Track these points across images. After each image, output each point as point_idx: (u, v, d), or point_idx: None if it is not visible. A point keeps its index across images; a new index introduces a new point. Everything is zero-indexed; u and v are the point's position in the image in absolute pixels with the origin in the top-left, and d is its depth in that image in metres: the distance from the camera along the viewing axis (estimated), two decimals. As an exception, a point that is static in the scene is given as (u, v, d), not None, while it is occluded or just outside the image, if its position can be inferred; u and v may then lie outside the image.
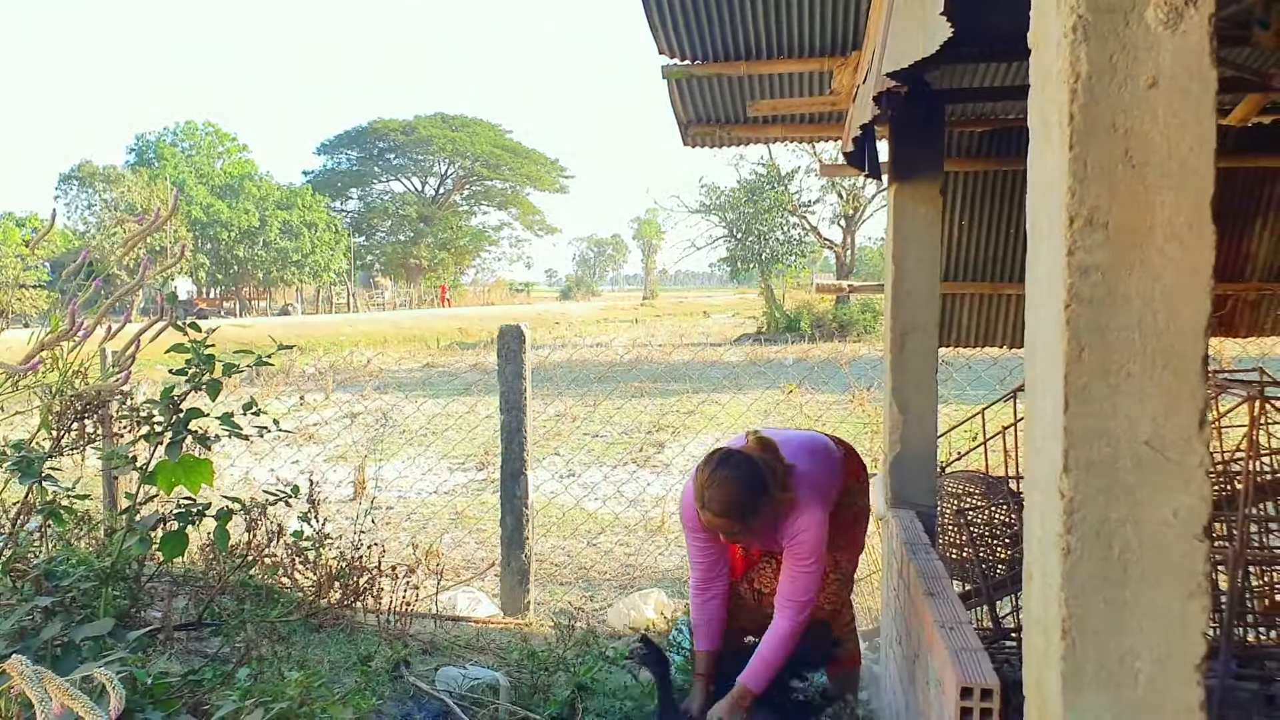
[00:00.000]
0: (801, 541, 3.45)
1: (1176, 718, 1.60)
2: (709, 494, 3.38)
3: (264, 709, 2.44)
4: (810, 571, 3.44)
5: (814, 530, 3.44)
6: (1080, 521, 1.61)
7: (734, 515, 3.37)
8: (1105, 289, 1.59)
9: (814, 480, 3.53)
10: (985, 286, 5.48)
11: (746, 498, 3.35)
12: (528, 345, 5.73)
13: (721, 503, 3.36)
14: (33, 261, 32.72)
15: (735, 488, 3.35)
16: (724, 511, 3.37)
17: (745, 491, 3.35)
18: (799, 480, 3.50)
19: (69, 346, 2.87)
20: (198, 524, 3.28)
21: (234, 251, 56.84)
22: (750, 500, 3.36)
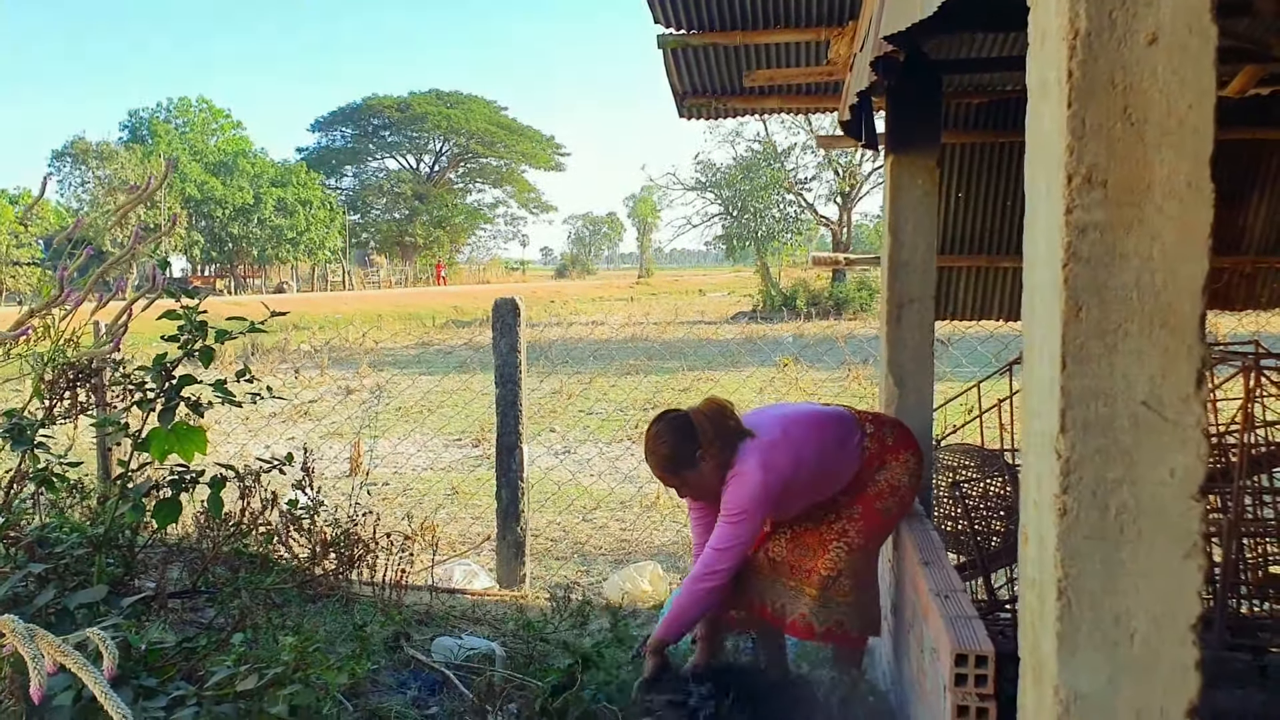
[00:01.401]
0: (729, 495, 3.54)
1: (1172, 677, 1.60)
2: (646, 449, 3.64)
3: (258, 674, 2.44)
4: (730, 524, 3.51)
5: (741, 488, 3.51)
6: (1077, 482, 1.60)
7: (667, 469, 3.59)
8: (1103, 248, 1.58)
9: (770, 450, 3.56)
10: (982, 260, 5.46)
11: (674, 451, 3.55)
12: (522, 318, 5.71)
13: (653, 455, 3.61)
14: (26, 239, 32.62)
15: (664, 443, 3.58)
16: (658, 465, 3.61)
17: (673, 446, 3.56)
18: (749, 444, 3.55)
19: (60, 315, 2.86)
20: (191, 491, 3.27)
21: (228, 229, 56.63)
22: (678, 453, 3.55)
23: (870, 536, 3.78)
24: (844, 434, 3.73)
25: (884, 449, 3.76)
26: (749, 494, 3.49)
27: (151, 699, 2.45)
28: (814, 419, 3.76)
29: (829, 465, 3.69)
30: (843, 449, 3.71)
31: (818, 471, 3.66)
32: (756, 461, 3.51)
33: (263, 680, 2.43)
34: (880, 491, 3.74)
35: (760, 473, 3.49)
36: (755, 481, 3.48)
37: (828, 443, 3.69)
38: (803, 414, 3.80)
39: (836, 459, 3.70)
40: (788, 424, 3.69)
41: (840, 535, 3.75)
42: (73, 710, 2.34)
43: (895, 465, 3.76)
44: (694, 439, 3.55)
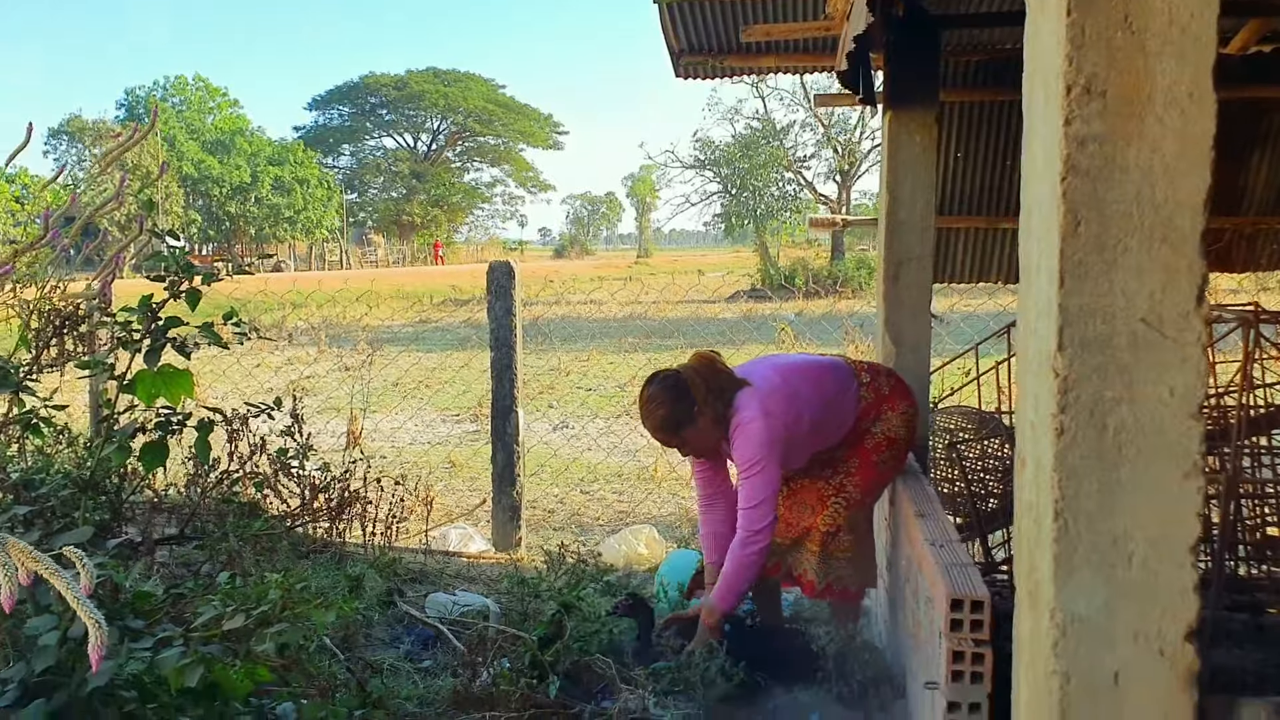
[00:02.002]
0: (738, 449, 3.52)
1: (1170, 599, 1.58)
2: (641, 412, 3.62)
3: (245, 614, 2.42)
4: (751, 477, 3.48)
5: (747, 438, 3.48)
6: (1074, 401, 1.58)
7: (665, 429, 3.58)
8: (1103, 160, 1.54)
9: (767, 396, 3.53)
10: (981, 221, 5.42)
11: (670, 410, 3.54)
12: (517, 282, 5.68)
13: (649, 418, 3.59)
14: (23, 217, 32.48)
15: (658, 403, 3.56)
16: (655, 428, 3.60)
17: (669, 405, 3.54)
18: (745, 394, 3.51)
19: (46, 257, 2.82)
20: (178, 435, 3.24)
21: (225, 208, 56.47)
22: (674, 413, 3.54)
23: (868, 490, 3.76)
24: (841, 382, 3.71)
25: (880, 399, 3.74)
26: (757, 442, 3.46)
27: (138, 640, 2.43)
28: (809, 368, 3.74)
29: (828, 414, 3.66)
30: (840, 398, 3.68)
31: (817, 420, 3.63)
32: (756, 408, 3.49)
33: (249, 620, 2.42)
34: (877, 444, 3.73)
35: (761, 417, 3.47)
36: (758, 428, 3.46)
37: (825, 391, 3.66)
38: (798, 363, 3.79)
39: (834, 408, 3.68)
40: (784, 373, 3.67)
41: (838, 491, 3.73)
42: (58, 651, 2.32)
43: (892, 416, 3.74)
44: (689, 397, 3.54)
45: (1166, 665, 1.58)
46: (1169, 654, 1.58)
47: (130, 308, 3.11)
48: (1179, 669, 1.58)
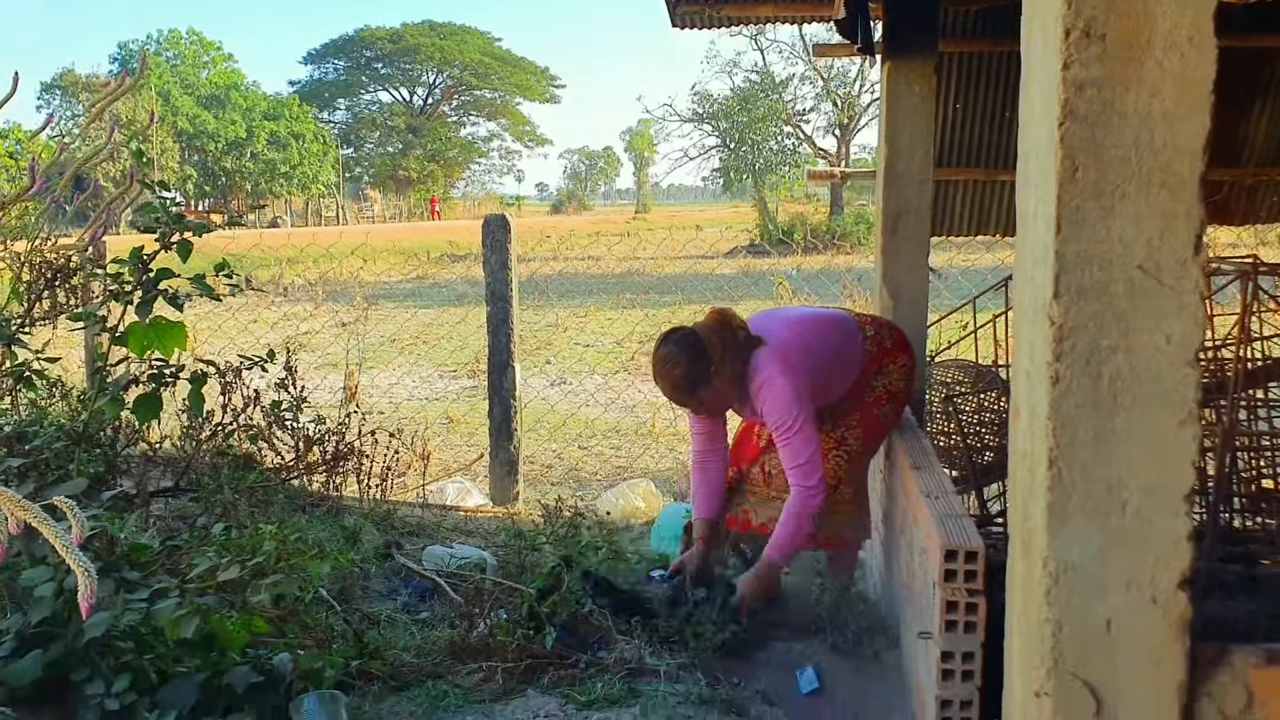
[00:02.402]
0: (770, 410, 3.47)
1: (1164, 547, 1.57)
2: (656, 371, 3.54)
3: (240, 565, 2.43)
4: (792, 436, 3.43)
5: (776, 397, 3.43)
6: (1070, 349, 1.56)
7: (681, 389, 3.50)
8: (1101, 105, 1.52)
9: (785, 350, 3.50)
10: (979, 173, 5.37)
11: (688, 369, 3.46)
12: (513, 235, 5.65)
13: (666, 378, 3.50)
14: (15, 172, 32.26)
15: (675, 363, 3.47)
16: (671, 388, 3.51)
17: (686, 364, 3.46)
18: (763, 351, 3.48)
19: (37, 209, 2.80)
20: (172, 387, 3.23)
21: (221, 164, 56.09)
22: (692, 374, 3.46)
23: (868, 443, 3.77)
24: (847, 336, 3.70)
25: (883, 352, 3.74)
26: (787, 399, 3.42)
27: (134, 592, 2.44)
28: (818, 321, 3.73)
29: (836, 367, 3.66)
30: (847, 351, 3.68)
31: (828, 374, 3.62)
32: (778, 366, 3.45)
33: (245, 571, 2.42)
34: (878, 398, 3.73)
35: (784, 374, 3.44)
36: (785, 384, 3.43)
37: (834, 345, 3.66)
38: (807, 316, 3.78)
39: (842, 361, 3.67)
40: (796, 326, 3.65)
41: (839, 444, 3.73)
42: (54, 602, 2.33)
43: (893, 370, 3.75)
44: (705, 356, 3.47)
45: (1159, 613, 1.58)
46: (1161, 602, 1.58)
47: (122, 259, 3.09)
48: (1171, 617, 1.58)
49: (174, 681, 2.50)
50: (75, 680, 2.43)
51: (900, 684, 3.24)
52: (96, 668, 2.43)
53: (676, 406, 3.81)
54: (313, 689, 2.63)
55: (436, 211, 63.45)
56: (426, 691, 2.92)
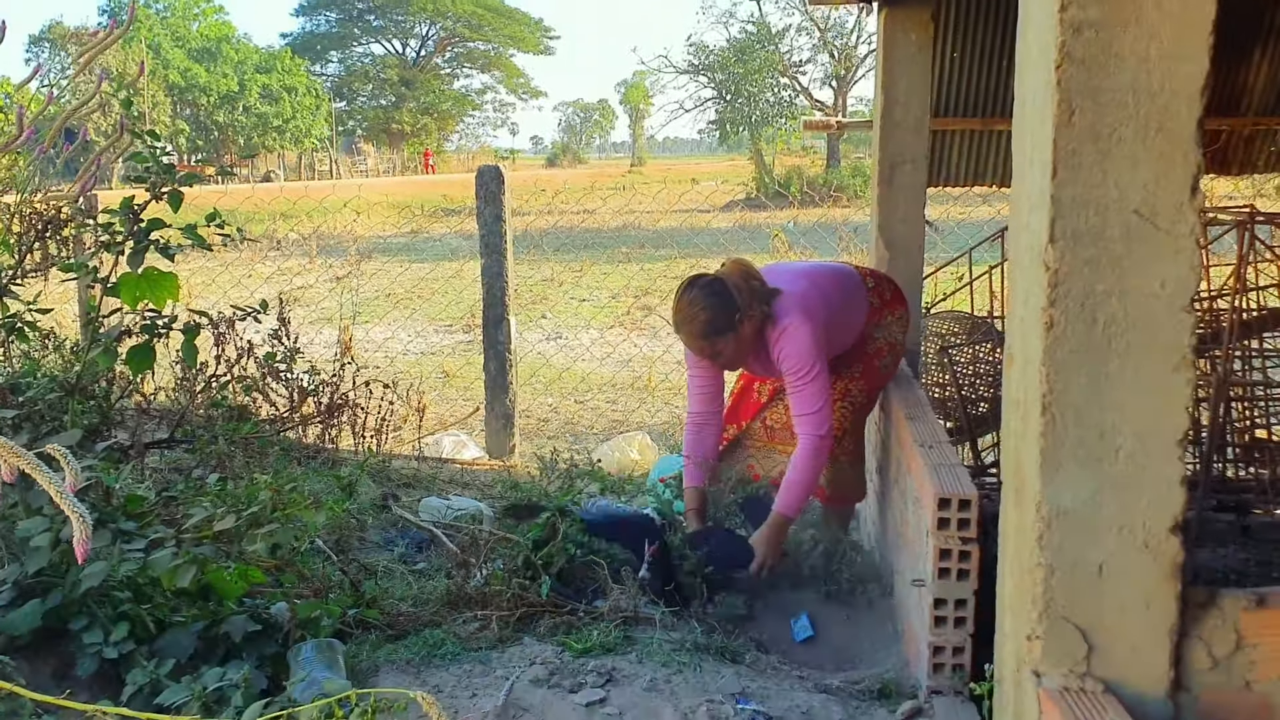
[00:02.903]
0: (787, 356, 3.44)
1: (1157, 492, 1.58)
2: (680, 317, 3.48)
3: (236, 515, 2.43)
4: (807, 384, 3.42)
5: (796, 343, 3.41)
6: (1065, 295, 1.56)
7: (707, 334, 3.44)
8: (1098, 47, 1.50)
9: (804, 299, 3.49)
10: (975, 123, 5.33)
11: (714, 315, 3.41)
12: (507, 187, 5.61)
13: (692, 322, 3.45)
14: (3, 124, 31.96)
15: (702, 307, 3.42)
16: (696, 333, 3.45)
17: (713, 310, 3.41)
18: (783, 300, 3.46)
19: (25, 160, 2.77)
20: (165, 338, 3.21)
21: (214, 117, 55.60)
22: (718, 318, 3.42)
23: (871, 395, 3.78)
24: (853, 287, 3.71)
25: (884, 303, 3.74)
26: (805, 346, 3.41)
27: (130, 542, 2.45)
28: (826, 273, 3.74)
29: (845, 318, 3.65)
30: (853, 302, 3.68)
31: (840, 323, 3.62)
32: (798, 315, 3.44)
33: (240, 521, 2.43)
34: (879, 350, 3.74)
35: (807, 322, 3.42)
36: (805, 332, 3.41)
37: (843, 295, 3.65)
38: (815, 268, 3.79)
39: (849, 312, 3.67)
40: (807, 279, 3.64)
41: (844, 395, 3.73)
42: (51, 553, 2.33)
43: (892, 322, 3.75)
44: (732, 303, 3.43)
45: (1150, 558, 1.59)
46: (1153, 546, 1.59)
47: (112, 209, 3.06)
48: (1163, 561, 1.59)
49: (172, 631, 2.52)
50: (73, 630, 2.45)
51: (894, 631, 3.27)
52: (94, 617, 2.44)
53: (685, 357, 3.76)
54: (310, 638, 2.64)
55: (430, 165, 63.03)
56: (423, 640, 2.94)
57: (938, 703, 2.66)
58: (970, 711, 2.57)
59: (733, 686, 2.76)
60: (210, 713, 2.20)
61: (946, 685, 2.66)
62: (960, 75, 5.20)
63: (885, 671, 2.97)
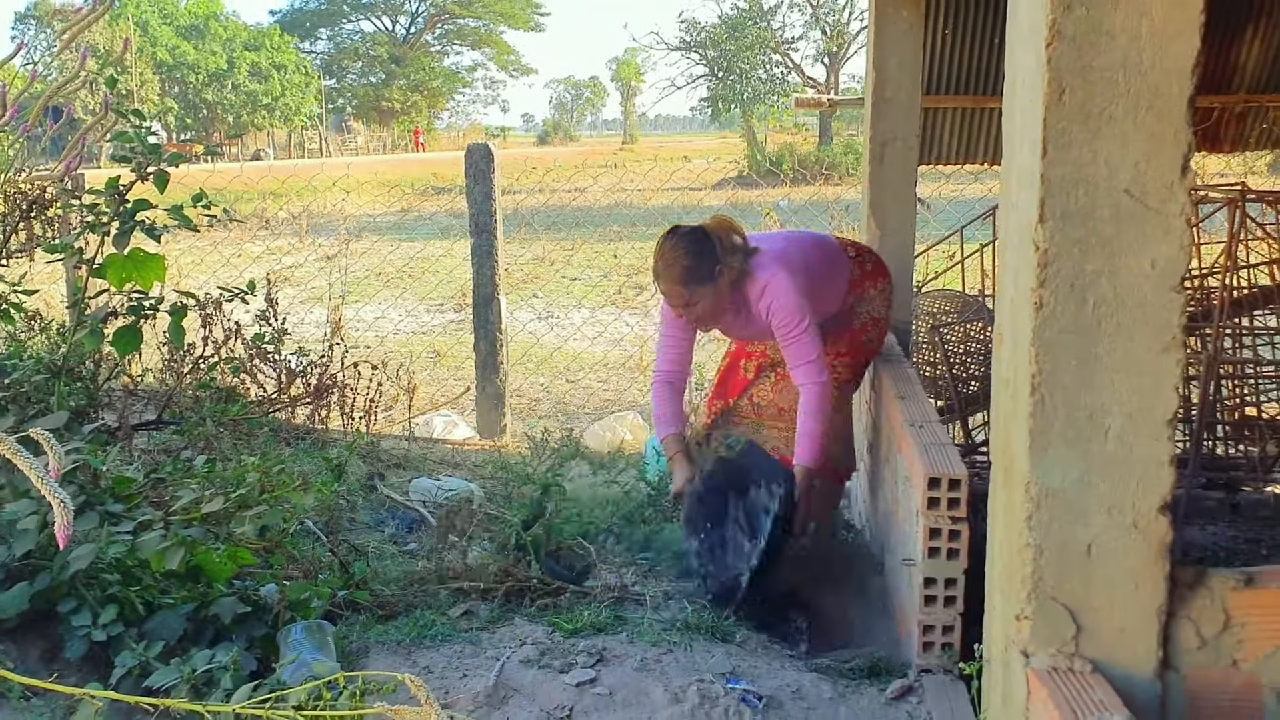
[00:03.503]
0: (776, 310, 3.41)
1: (1146, 472, 1.58)
2: (661, 264, 3.45)
3: (224, 496, 2.42)
4: (800, 335, 3.40)
5: (782, 296, 3.40)
6: (1054, 275, 1.55)
7: (685, 282, 3.41)
8: (1089, 24, 1.49)
9: (784, 255, 3.48)
10: (967, 100, 5.31)
11: (694, 263, 3.40)
12: (496, 165, 5.58)
13: (671, 268, 3.42)
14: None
15: (683, 254, 3.41)
16: (676, 279, 3.42)
17: (693, 257, 3.40)
18: (761, 256, 3.47)
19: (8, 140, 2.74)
20: (152, 320, 3.19)
21: (202, 95, 55.22)
22: (698, 265, 3.40)
23: (857, 370, 3.77)
24: (834, 254, 3.70)
25: (865, 274, 3.72)
26: (792, 299, 3.39)
27: (118, 524, 2.44)
28: (807, 238, 3.75)
29: (827, 285, 3.64)
30: (835, 269, 3.67)
31: (822, 287, 3.60)
32: (779, 268, 3.43)
33: (228, 503, 2.42)
34: (864, 325, 3.72)
35: (788, 275, 3.41)
36: (789, 285, 3.40)
37: (824, 261, 3.64)
38: (795, 233, 3.81)
39: (831, 280, 3.66)
40: (787, 239, 3.65)
41: (830, 372, 3.72)
42: (38, 535, 2.32)
43: (875, 295, 3.73)
44: (713, 252, 3.42)
45: (1139, 537, 1.59)
46: (1142, 526, 1.59)
47: (98, 190, 3.03)
48: (1151, 541, 1.59)
49: (161, 613, 2.51)
50: (62, 612, 2.44)
51: (884, 609, 3.28)
52: (83, 599, 2.43)
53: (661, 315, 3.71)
54: (300, 619, 2.64)
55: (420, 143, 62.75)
56: (414, 620, 2.94)
57: (927, 681, 2.67)
58: (959, 689, 2.58)
59: (723, 666, 2.76)
60: (199, 695, 2.20)
61: (936, 664, 2.67)
62: (952, 53, 5.18)
63: (875, 650, 2.97)
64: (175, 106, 53.89)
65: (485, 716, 2.50)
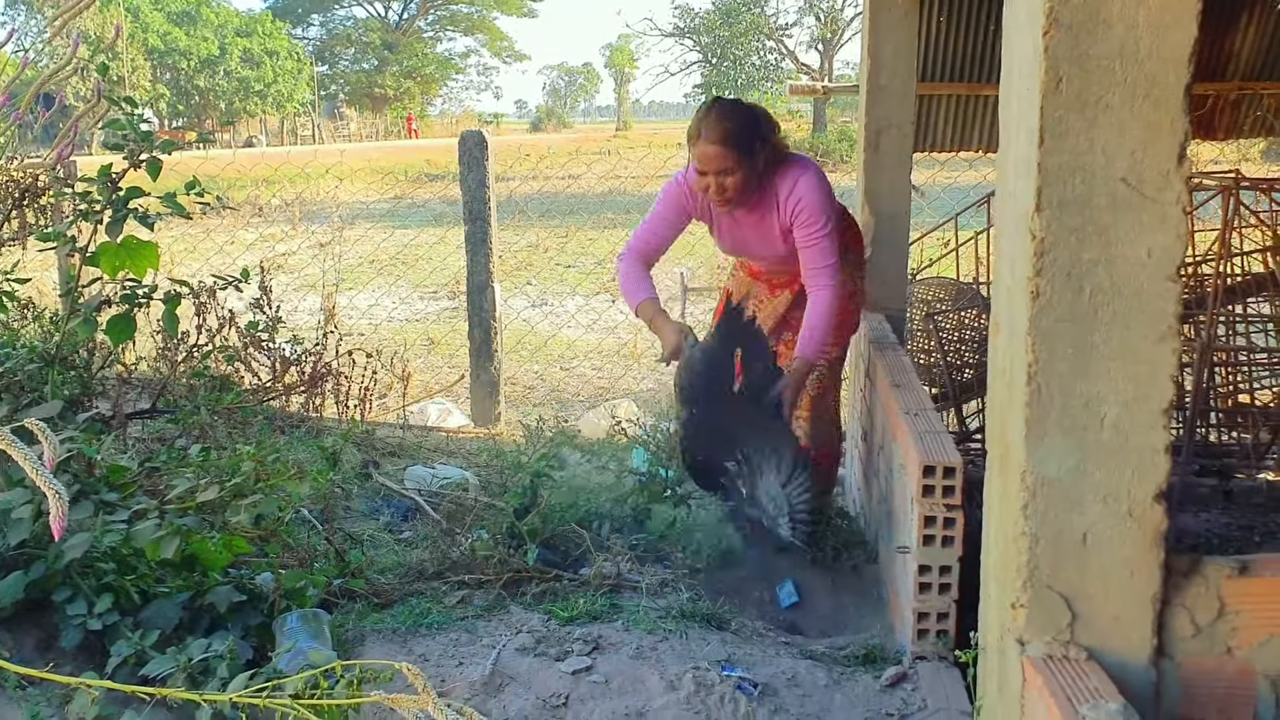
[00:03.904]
0: (805, 206, 3.38)
1: (1141, 461, 1.58)
2: (708, 122, 3.34)
3: (219, 485, 2.42)
4: (823, 238, 3.39)
5: (814, 194, 3.38)
6: (1051, 264, 1.55)
7: (729, 141, 3.31)
8: (1086, 12, 1.49)
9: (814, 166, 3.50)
10: (962, 87, 5.31)
11: (741, 127, 3.33)
12: (490, 152, 5.57)
13: (715, 128, 3.32)
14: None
15: (735, 116, 3.34)
16: (719, 138, 3.31)
17: (740, 122, 3.33)
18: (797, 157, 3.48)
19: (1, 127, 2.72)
20: (145, 308, 3.19)
21: (194, 82, 54.96)
22: (744, 131, 3.33)
23: (844, 349, 3.75)
24: None
25: (843, 239, 3.64)
26: (821, 200, 3.40)
27: (113, 513, 2.44)
28: None
29: None
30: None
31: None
32: (811, 169, 3.45)
33: (224, 492, 2.42)
34: (850, 294, 3.69)
35: (818, 178, 3.43)
36: (819, 185, 3.41)
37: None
38: None
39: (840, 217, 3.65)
40: None
41: None
42: (33, 524, 2.32)
43: (854, 262, 3.70)
44: (758, 126, 3.38)
45: (1135, 526, 1.60)
46: (1137, 515, 1.59)
47: (90, 178, 3.02)
48: (1147, 529, 1.59)
49: (156, 602, 2.51)
50: (57, 601, 2.44)
51: (879, 597, 3.29)
52: (78, 588, 2.43)
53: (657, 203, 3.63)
54: (296, 608, 2.64)
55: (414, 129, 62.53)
56: (409, 609, 2.94)
57: (922, 668, 2.68)
58: (954, 676, 2.59)
59: (719, 654, 2.77)
60: (196, 683, 2.20)
61: (931, 651, 2.68)
62: (947, 40, 5.18)
63: (870, 637, 2.99)
64: (167, 93, 53.62)
65: (481, 704, 2.50)
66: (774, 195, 3.44)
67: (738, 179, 3.36)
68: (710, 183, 3.38)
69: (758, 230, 3.55)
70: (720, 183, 3.36)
